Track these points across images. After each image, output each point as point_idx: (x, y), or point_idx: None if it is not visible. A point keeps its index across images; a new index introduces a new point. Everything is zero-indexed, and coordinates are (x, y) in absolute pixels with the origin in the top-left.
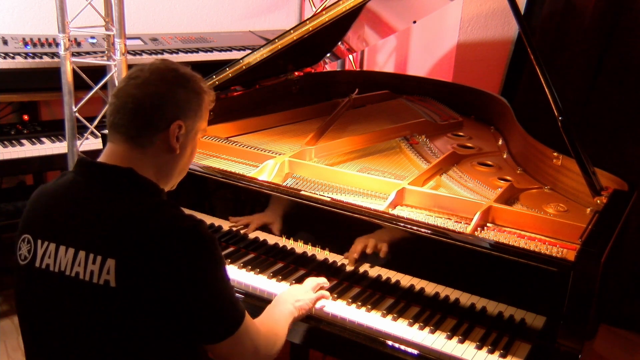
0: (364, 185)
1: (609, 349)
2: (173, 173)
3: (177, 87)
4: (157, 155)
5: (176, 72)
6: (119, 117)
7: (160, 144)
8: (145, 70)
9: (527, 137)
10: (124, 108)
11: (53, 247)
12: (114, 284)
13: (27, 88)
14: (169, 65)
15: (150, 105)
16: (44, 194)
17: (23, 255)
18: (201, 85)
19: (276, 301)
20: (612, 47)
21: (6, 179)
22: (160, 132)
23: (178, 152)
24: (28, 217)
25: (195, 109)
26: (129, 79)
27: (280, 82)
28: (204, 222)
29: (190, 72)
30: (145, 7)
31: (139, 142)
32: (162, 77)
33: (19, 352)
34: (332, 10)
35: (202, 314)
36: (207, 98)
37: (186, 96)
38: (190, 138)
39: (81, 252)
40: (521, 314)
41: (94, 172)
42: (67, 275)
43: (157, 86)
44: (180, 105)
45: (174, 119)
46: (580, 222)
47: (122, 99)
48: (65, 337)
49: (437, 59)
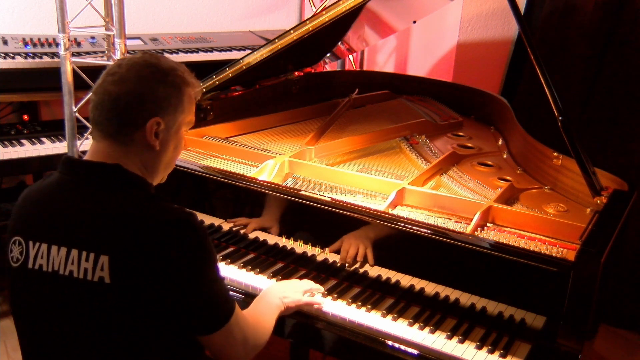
0: (364, 185)
1: (609, 349)
2: (158, 168)
3: (154, 83)
4: (140, 151)
5: (154, 67)
6: (97, 114)
7: (140, 141)
8: (122, 65)
9: (527, 137)
10: (101, 105)
11: (45, 248)
12: (109, 280)
13: (27, 88)
14: (147, 60)
15: (126, 103)
16: (32, 195)
17: (15, 258)
18: (183, 77)
19: (264, 294)
20: (612, 47)
21: (6, 179)
22: (138, 129)
23: (159, 149)
24: (17, 219)
25: (175, 103)
26: (106, 75)
27: (280, 82)
28: (194, 214)
29: (171, 64)
30: (145, 7)
31: (119, 139)
32: (138, 73)
33: (19, 352)
34: (332, 10)
35: (195, 305)
36: (188, 90)
37: (164, 92)
38: (172, 133)
39: (73, 250)
40: (521, 314)
41: (81, 170)
42: (61, 274)
43: (134, 83)
44: (158, 102)
45: (151, 115)
46: (580, 222)
47: (99, 96)
48: (61, 335)
49: (437, 59)
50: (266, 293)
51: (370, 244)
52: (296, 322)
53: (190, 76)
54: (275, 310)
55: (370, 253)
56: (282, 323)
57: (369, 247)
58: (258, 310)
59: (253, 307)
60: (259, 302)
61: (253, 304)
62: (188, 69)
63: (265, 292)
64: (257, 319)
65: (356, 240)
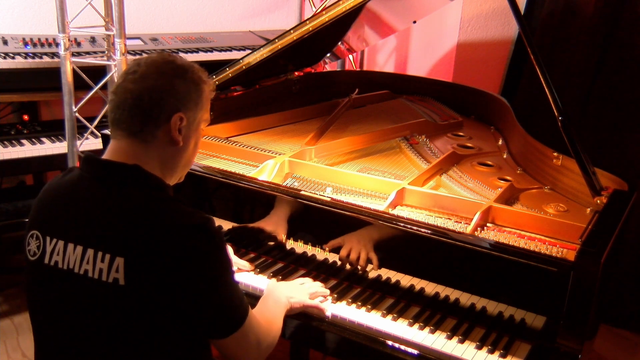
0: (364, 185)
1: (609, 349)
2: (178, 166)
3: (175, 79)
4: (161, 149)
5: (173, 64)
6: (119, 114)
7: (163, 138)
8: (142, 64)
9: (527, 137)
10: (124, 104)
11: (61, 245)
12: (123, 282)
13: (27, 88)
14: (165, 57)
15: (149, 99)
16: (51, 190)
17: (32, 251)
18: (200, 75)
19: (271, 292)
20: (612, 47)
21: (6, 179)
22: (161, 125)
23: (181, 144)
24: (36, 212)
25: (195, 99)
26: (126, 74)
27: (280, 82)
28: (211, 218)
29: (188, 62)
30: (145, 7)
31: (141, 137)
32: (159, 69)
33: (19, 352)
34: (332, 10)
35: (211, 310)
36: (206, 88)
37: (185, 87)
38: (193, 129)
39: (89, 250)
40: (521, 314)
41: (101, 169)
42: (75, 273)
43: (155, 79)
44: (180, 97)
45: (174, 111)
46: (580, 222)
47: (121, 95)
48: (74, 333)
49: (437, 59)
50: (273, 291)
51: (371, 246)
52: (297, 323)
53: (205, 74)
54: (283, 310)
55: (374, 257)
56: (283, 323)
57: (370, 251)
58: (268, 310)
59: (262, 307)
60: (267, 302)
61: (261, 303)
62: (202, 68)
63: (271, 291)
64: (269, 319)
65: (357, 244)
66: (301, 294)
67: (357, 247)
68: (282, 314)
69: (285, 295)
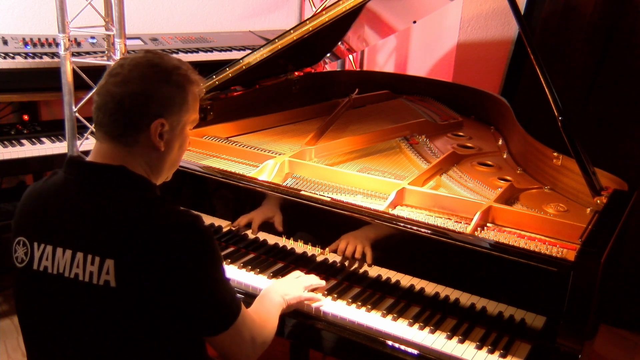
0: (364, 185)
1: (609, 349)
2: (163, 168)
3: (158, 83)
4: (145, 152)
5: (157, 67)
6: (101, 116)
7: (145, 142)
8: (125, 66)
9: (527, 137)
10: (105, 107)
11: (50, 250)
12: (114, 284)
13: (27, 88)
14: (150, 59)
15: (130, 105)
16: (35, 194)
17: (20, 258)
18: (187, 76)
19: (267, 291)
20: (612, 47)
21: (6, 179)
22: (142, 131)
23: (163, 149)
24: (20, 218)
25: (179, 103)
26: (109, 76)
27: (280, 82)
28: (199, 216)
29: (173, 63)
30: (145, 7)
31: (123, 141)
32: (141, 73)
33: (19, 352)
34: (332, 10)
35: (202, 307)
36: (193, 89)
37: (169, 92)
38: (176, 133)
39: (79, 253)
40: (521, 314)
41: (86, 171)
42: (66, 277)
43: (137, 84)
44: (162, 103)
45: (155, 117)
46: (580, 222)
47: (102, 97)
48: (67, 338)
49: (437, 59)
50: (268, 291)
51: (370, 244)
52: (296, 323)
53: (193, 74)
54: (278, 308)
55: (369, 252)
56: (282, 323)
57: (367, 246)
58: (263, 308)
59: (257, 305)
60: (263, 301)
61: (256, 302)
62: (191, 66)
63: (267, 290)
64: (263, 317)
65: (355, 238)
66: (297, 288)
67: (354, 242)
68: (277, 312)
69: (279, 294)
